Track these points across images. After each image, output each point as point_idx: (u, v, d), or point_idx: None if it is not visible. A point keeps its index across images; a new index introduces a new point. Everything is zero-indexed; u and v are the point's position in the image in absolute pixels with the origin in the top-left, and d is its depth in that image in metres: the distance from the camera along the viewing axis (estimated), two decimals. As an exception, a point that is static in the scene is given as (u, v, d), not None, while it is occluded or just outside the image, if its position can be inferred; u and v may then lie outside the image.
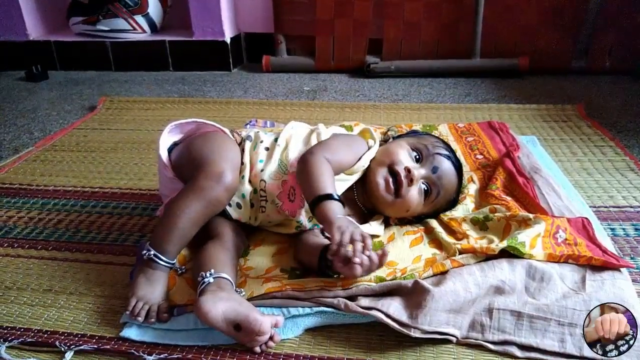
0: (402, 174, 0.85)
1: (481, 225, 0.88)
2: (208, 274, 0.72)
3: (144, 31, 2.24)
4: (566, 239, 0.80)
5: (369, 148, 0.91)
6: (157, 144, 0.89)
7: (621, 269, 0.76)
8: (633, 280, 0.77)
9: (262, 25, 2.21)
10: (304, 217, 0.86)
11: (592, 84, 1.86)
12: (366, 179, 0.89)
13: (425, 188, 0.87)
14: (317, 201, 0.75)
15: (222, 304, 0.66)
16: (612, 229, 0.94)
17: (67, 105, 1.81)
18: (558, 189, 1.00)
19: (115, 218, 1.03)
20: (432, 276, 0.75)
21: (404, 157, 0.87)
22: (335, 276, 0.76)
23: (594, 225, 0.87)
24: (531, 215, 0.84)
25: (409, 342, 0.68)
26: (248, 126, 1.45)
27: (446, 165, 0.88)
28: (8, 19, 2.23)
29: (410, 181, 0.84)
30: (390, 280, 0.74)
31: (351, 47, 2.10)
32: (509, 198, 0.96)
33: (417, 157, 0.88)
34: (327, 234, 0.76)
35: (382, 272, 0.76)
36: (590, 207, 1.00)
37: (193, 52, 2.19)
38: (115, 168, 1.27)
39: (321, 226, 0.77)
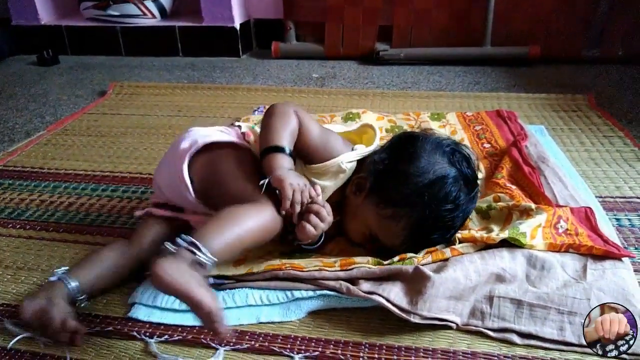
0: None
1: (484, 214, 0.89)
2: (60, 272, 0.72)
3: (154, 17, 2.24)
4: (567, 229, 0.81)
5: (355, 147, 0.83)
6: (179, 169, 0.78)
7: (623, 258, 0.77)
8: (636, 270, 0.77)
9: (271, 11, 2.21)
10: None
11: (604, 74, 1.84)
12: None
13: None
14: (268, 151, 0.75)
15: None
16: (618, 220, 0.94)
17: (78, 90, 1.82)
18: (564, 179, 1.00)
19: (125, 202, 1.05)
20: (431, 263, 0.75)
21: (358, 239, 0.81)
22: (294, 242, 0.78)
23: (599, 216, 0.88)
24: (533, 206, 0.84)
25: (408, 326, 0.69)
26: (256, 112, 1.46)
27: None
28: (20, 3, 2.25)
29: None
30: (388, 264, 0.75)
31: (361, 34, 2.09)
32: (513, 187, 0.96)
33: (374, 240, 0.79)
34: (275, 187, 0.73)
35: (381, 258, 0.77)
36: (596, 197, 1.00)
37: (203, 37, 2.19)
38: (125, 153, 1.29)
39: (268, 179, 0.73)
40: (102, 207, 1.04)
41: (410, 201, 0.74)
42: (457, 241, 0.80)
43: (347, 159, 0.79)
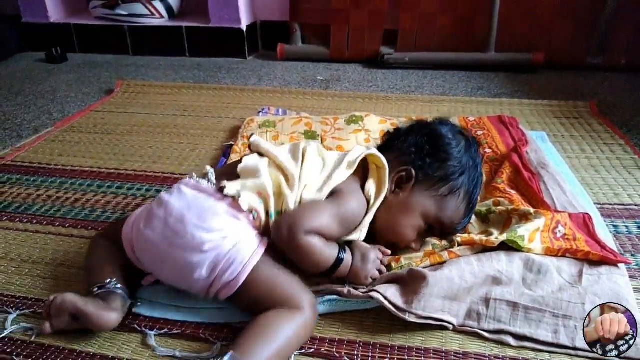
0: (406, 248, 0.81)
1: (483, 218, 0.90)
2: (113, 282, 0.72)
3: (162, 17, 2.26)
4: (565, 234, 0.82)
5: (369, 202, 0.78)
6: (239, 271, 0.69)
7: (619, 264, 0.78)
8: (631, 277, 0.78)
9: (278, 14, 2.22)
10: None
11: (607, 81, 1.85)
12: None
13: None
14: (330, 272, 0.74)
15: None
16: (615, 226, 0.95)
17: (85, 88, 1.85)
18: (563, 185, 1.01)
19: (130, 199, 1.07)
20: (429, 266, 0.77)
21: (413, 236, 0.80)
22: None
23: (597, 222, 0.89)
24: (532, 210, 0.85)
25: (401, 326, 0.70)
26: (260, 114, 1.48)
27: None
28: (30, 1, 2.27)
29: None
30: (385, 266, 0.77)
31: (366, 37, 2.11)
32: (513, 192, 0.98)
33: (429, 228, 0.80)
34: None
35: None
36: (595, 204, 1.01)
37: (209, 38, 2.21)
38: (131, 151, 1.30)
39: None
40: (107, 203, 1.05)
41: (460, 169, 0.80)
42: (457, 244, 0.81)
43: (369, 221, 0.78)
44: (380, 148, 0.85)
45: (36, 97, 1.75)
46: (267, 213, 0.74)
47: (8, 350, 0.69)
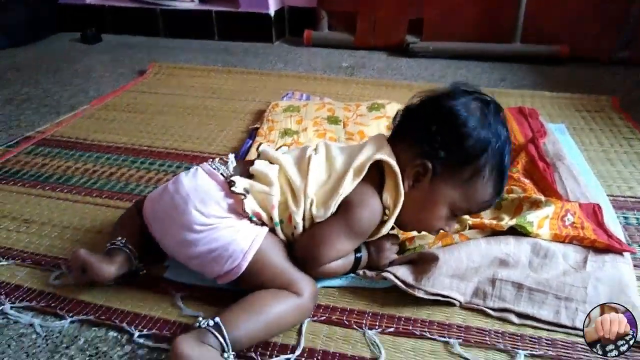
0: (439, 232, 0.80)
1: (496, 204, 0.93)
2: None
3: (193, 0, 2.32)
4: (574, 222, 0.85)
5: (386, 210, 0.76)
6: (240, 255, 0.72)
7: (624, 253, 0.81)
8: (636, 266, 0.81)
9: (305, 0, 2.26)
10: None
11: (632, 76, 1.83)
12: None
13: None
14: (350, 271, 0.80)
15: None
16: (626, 218, 0.97)
17: (119, 68, 1.92)
18: (578, 177, 1.04)
19: (161, 174, 1.14)
20: (439, 247, 0.82)
21: (441, 224, 0.77)
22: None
23: (607, 213, 0.92)
24: (543, 198, 0.89)
25: (409, 299, 0.75)
26: (285, 98, 1.53)
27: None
28: (68, -18, 2.36)
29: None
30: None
31: (392, 25, 2.13)
32: (527, 181, 1.01)
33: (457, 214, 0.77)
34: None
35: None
36: (607, 195, 1.03)
37: (238, 23, 2.26)
38: (162, 130, 1.37)
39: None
40: (140, 178, 1.12)
41: (480, 146, 0.71)
42: (468, 227, 0.85)
43: (387, 230, 0.77)
44: (394, 134, 0.81)
45: (72, 76, 1.83)
46: (271, 219, 0.75)
47: (52, 304, 0.76)
